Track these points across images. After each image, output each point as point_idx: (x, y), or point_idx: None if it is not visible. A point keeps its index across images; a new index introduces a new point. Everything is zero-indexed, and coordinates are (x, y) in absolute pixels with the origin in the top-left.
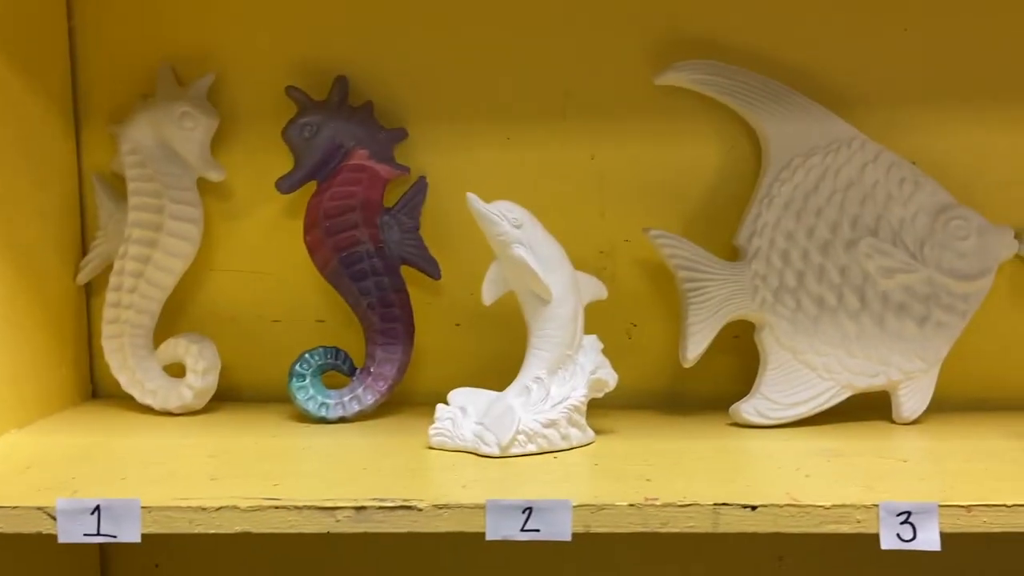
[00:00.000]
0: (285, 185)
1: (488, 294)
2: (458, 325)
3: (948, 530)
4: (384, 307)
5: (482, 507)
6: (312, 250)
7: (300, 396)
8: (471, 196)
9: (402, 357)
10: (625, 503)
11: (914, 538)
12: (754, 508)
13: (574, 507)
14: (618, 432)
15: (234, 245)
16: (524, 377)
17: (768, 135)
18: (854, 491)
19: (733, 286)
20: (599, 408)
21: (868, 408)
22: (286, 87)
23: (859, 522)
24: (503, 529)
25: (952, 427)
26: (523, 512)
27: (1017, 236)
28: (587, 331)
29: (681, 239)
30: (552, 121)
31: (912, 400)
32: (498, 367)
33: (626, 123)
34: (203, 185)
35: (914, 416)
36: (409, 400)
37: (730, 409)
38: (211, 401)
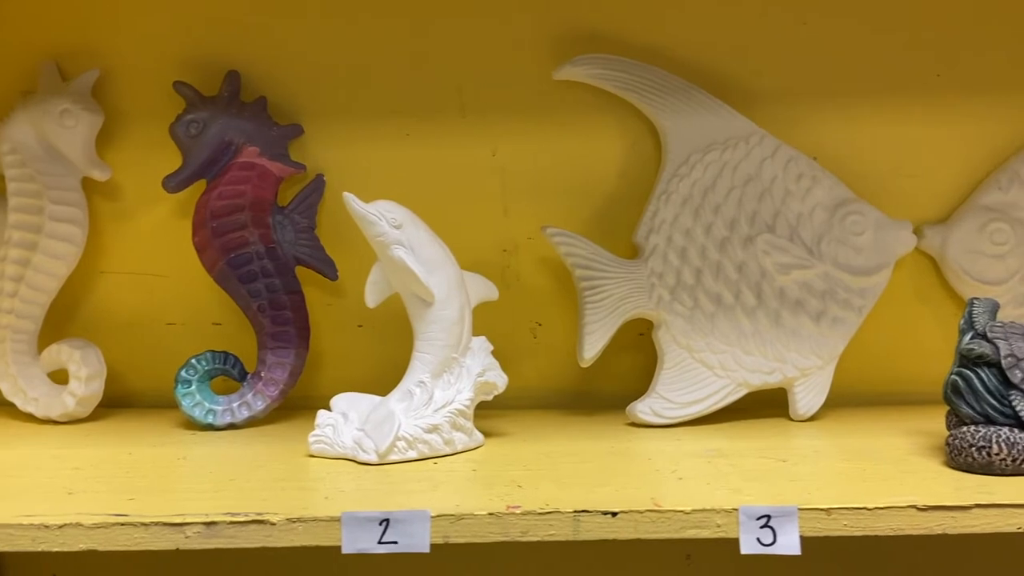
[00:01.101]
0: (171, 184)
1: (371, 296)
2: (360, 327)
3: (808, 534)
4: (275, 310)
5: (337, 520)
6: (200, 251)
7: (186, 403)
8: (348, 196)
9: (295, 361)
10: (485, 512)
11: (774, 542)
12: (615, 515)
13: (433, 518)
14: (512, 434)
15: (125, 246)
16: (407, 381)
17: (666, 131)
18: (721, 494)
19: (630, 284)
20: (499, 409)
21: (773, 404)
22: (174, 82)
23: (719, 527)
24: (360, 542)
25: (847, 424)
26: (380, 524)
27: (916, 231)
28: (491, 331)
29: (578, 237)
30: (450, 117)
31: (808, 397)
32: (402, 370)
33: (527, 119)
34: (91, 185)
35: (810, 413)
36: (309, 404)
37: (627, 409)
38: (103, 408)
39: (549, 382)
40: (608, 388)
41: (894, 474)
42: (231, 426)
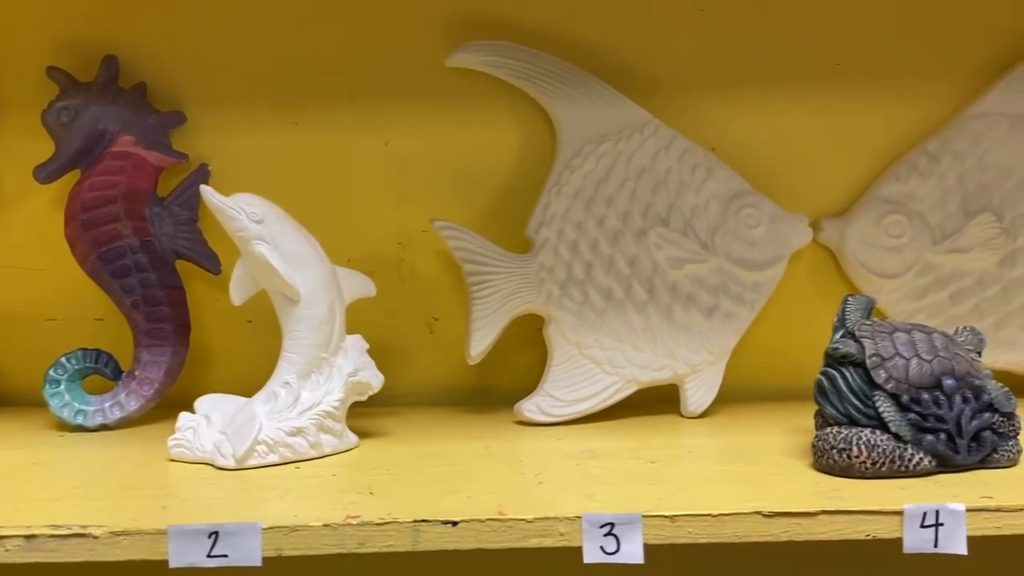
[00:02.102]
0: (42, 174)
1: (236, 293)
2: (250, 322)
3: (653, 541)
4: (150, 306)
5: (164, 533)
6: (71, 244)
7: (54, 403)
8: (205, 189)
9: (171, 359)
10: (320, 523)
11: (618, 551)
12: (455, 524)
13: (264, 529)
14: (393, 435)
15: (1, 239)
16: (273, 382)
17: (559, 120)
18: (572, 501)
19: (519, 279)
20: (392, 407)
21: (672, 400)
22: (47, 68)
23: (563, 535)
24: (188, 555)
25: (737, 421)
26: (209, 537)
27: (814, 223)
28: (386, 326)
29: (466, 231)
30: (340, 105)
31: (698, 393)
32: None
33: (420, 107)
34: None
35: (700, 410)
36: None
37: (514, 407)
38: None
39: (446, 378)
40: (507, 384)
41: (759, 477)
42: (103, 427)
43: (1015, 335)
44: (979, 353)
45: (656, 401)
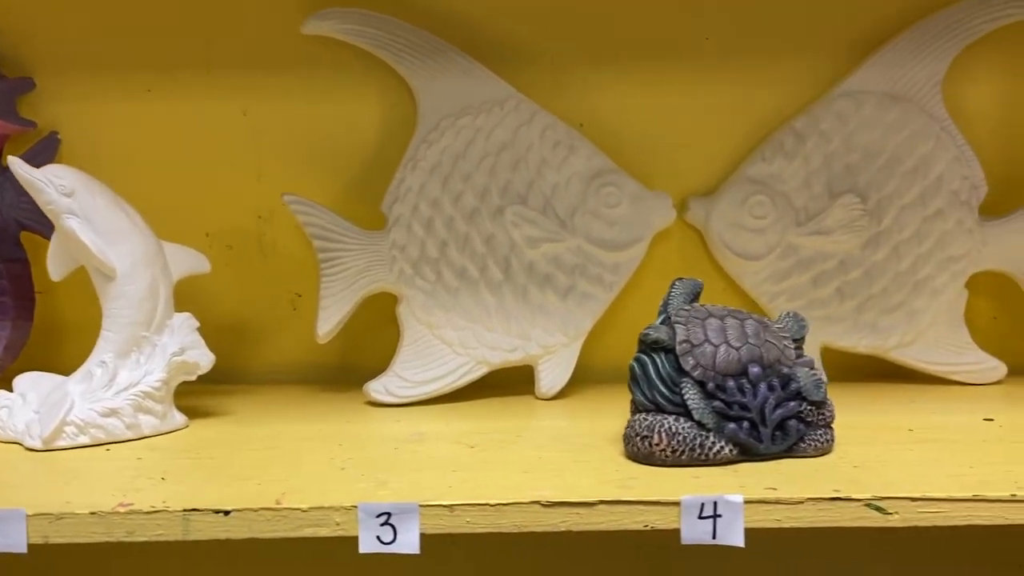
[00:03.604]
0: None
1: (54, 269)
2: None
3: (431, 531)
4: None
5: None
6: None
7: None
8: (13, 160)
9: (12, 334)
10: (87, 511)
11: (394, 540)
12: (227, 513)
13: (29, 516)
14: (234, 415)
15: None
16: (89, 361)
17: (418, 92)
18: (362, 488)
19: (369, 257)
20: (252, 384)
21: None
22: None
23: (338, 525)
24: None
25: (587, 403)
26: None
27: (683, 203)
28: (248, 302)
29: (318, 206)
30: (196, 72)
31: (551, 375)
32: None
33: (279, 76)
34: None
35: (553, 391)
36: None
37: (363, 387)
38: None
39: (310, 356)
40: (371, 363)
41: (566, 464)
42: None
43: (877, 318)
44: (800, 340)
45: (523, 382)
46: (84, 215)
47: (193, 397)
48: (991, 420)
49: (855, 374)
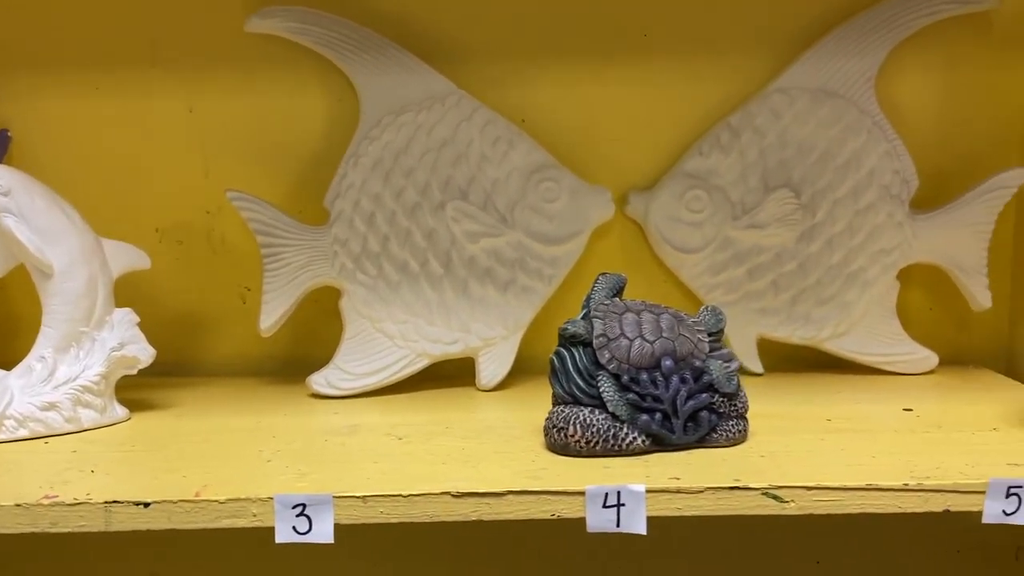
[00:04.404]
0: None
1: None
2: None
3: (345, 521)
4: None
5: None
6: None
7: None
8: None
9: None
10: (12, 503)
11: (310, 530)
12: (147, 505)
13: None
14: (177, 408)
15: None
16: (30, 356)
17: (360, 89)
18: (282, 480)
19: (311, 252)
20: (201, 377)
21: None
22: None
23: (255, 516)
24: None
25: (526, 396)
26: None
27: (623, 197)
28: (198, 296)
29: (260, 201)
30: (142, 70)
31: (491, 367)
32: None
33: (224, 74)
34: None
35: (492, 383)
36: None
37: (306, 380)
38: None
39: (260, 348)
40: (323, 354)
41: (487, 455)
42: None
43: (811, 310)
44: (717, 333)
45: (469, 374)
46: (21, 214)
47: (143, 390)
48: (910, 410)
49: (795, 364)
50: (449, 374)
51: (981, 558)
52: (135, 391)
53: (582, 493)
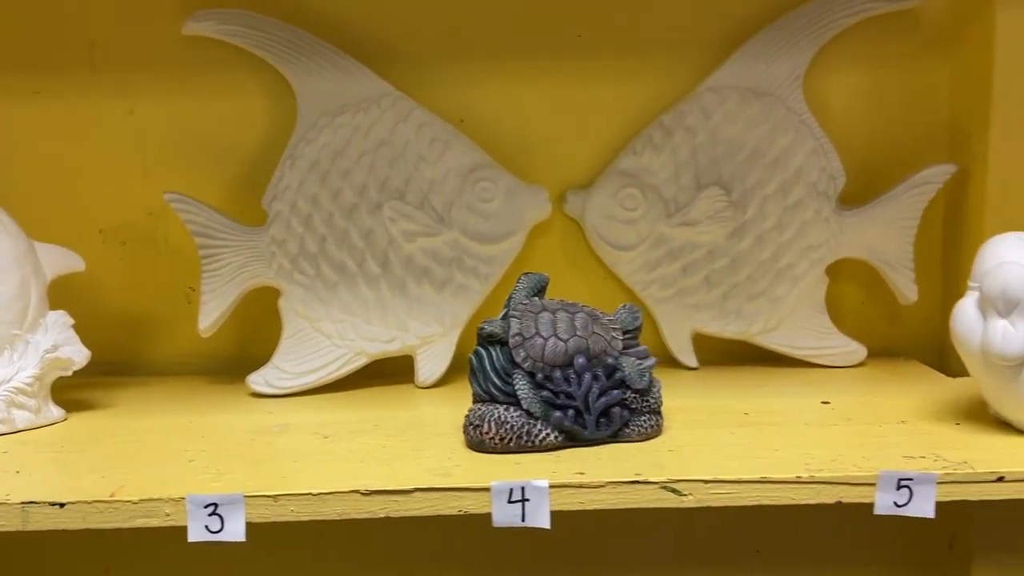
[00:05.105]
0: None
1: None
2: None
3: (256, 520)
4: None
5: None
6: None
7: None
8: None
9: None
10: None
11: (222, 529)
12: (62, 506)
13: None
14: (116, 408)
15: None
16: None
17: (297, 91)
18: (199, 480)
19: (249, 253)
20: (149, 376)
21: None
22: None
23: (168, 515)
24: None
25: (465, 392)
26: None
27: (560, 196)
28: (143, 296)
29: (197, 203)
30: (82, 73)
31: (429, 365)
32: None
33: (164, 76)
34: None
35: (430, 380)
36: None
37: (246, 379)
38: None
39: (207, 348)
40: (266, 353)
41: (407, 452)
42: None
43: (742, 305)
44: (633, 331)
45: (412, 371)
46: None
47: (87, 390)
48: (827, 403)
49: (732, 358)
50: (392, 371)
51: (916, 547)
52: (79, 391)
53: (487, 489)
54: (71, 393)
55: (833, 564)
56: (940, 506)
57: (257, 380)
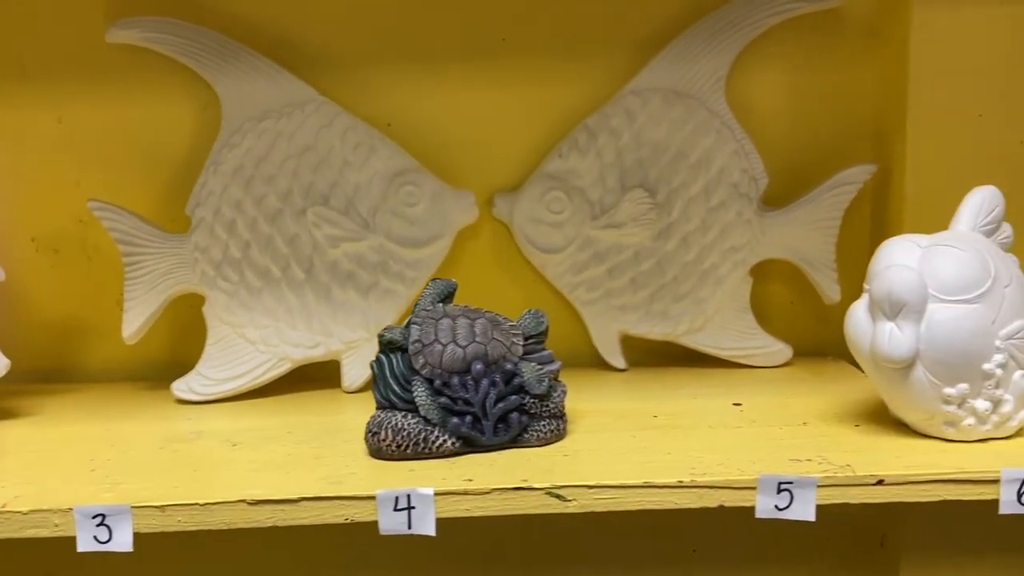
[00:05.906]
0: None
1: None
2: None
3: (145, 530)
4: None
5: None
6: None
7: None
8: None
9: None
10: None
11: (110, 540)
12: None
13: None
14: (39, 416)
15: None
16: None
17: (221, 96)
18: (93, 490)
19: (172, 260)
20: (81, 383)
21: None
22: None
23: (57, 526)
24: None
25: None
26: None
27: (488, 200)
28: (74, 304)
29: (120, 210)
30: (10, 81)
31: (354, 369)
32: None
33: (92, 84)
34: None
35: (356, 385)
36: None
37: (170, 386)
38: None
39: (141, 353)
40: (199, 358)
41: (308, 459)
42: None
43: (668, 307)
44: (538, 335)
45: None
46: None
47: (16, 398)
48: (739, 405)
49: (662, 359)
50: (322, 376)
51: (849, 545)
52: (8, 399)
53: (373, 498)
54: (2, 401)
55: (771, 563)
56: (873, 506)
57: (181, 387)
